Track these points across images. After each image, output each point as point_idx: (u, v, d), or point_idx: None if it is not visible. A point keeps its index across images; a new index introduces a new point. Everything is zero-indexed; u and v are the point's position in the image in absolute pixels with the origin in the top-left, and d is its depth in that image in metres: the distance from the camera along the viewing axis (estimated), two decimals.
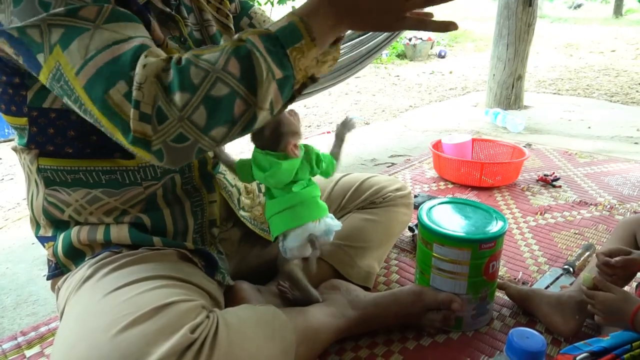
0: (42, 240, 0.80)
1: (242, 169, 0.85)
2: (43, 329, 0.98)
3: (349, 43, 3.17)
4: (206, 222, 0.84)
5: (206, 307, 0.66)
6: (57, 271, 0.79)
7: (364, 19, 0.64)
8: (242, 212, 0.93)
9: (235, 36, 0.60)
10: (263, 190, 1.04)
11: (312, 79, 0.65)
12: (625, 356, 0.68)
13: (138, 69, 0.56)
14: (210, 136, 0.58)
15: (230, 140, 0.61)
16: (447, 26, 0.63)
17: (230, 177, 0.92)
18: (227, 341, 0.62)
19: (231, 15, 0.92)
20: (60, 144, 0.73)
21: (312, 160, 0.85)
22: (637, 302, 0.74)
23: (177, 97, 0.55)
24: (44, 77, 0.61)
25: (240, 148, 2.12)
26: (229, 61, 0.57)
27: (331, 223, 0.85)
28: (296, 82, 0.62)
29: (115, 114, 0.56)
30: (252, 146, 0.84)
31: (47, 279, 0.80)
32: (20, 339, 0.95)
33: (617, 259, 0.83)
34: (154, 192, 0.77)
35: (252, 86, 0.57)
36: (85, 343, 0.59)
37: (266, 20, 1.02)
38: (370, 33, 2.21)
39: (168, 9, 0.77)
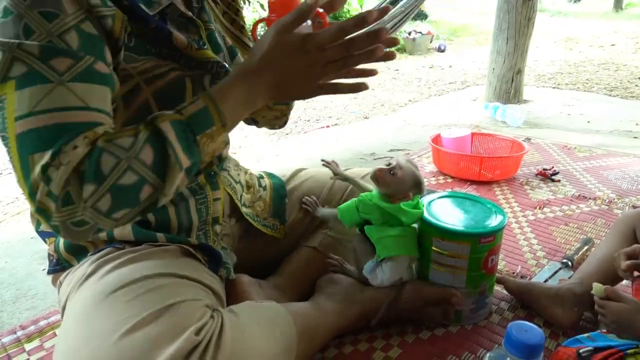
0: (43, 235, 0.80)
1: (346, 215, 0.92)
2: (42, 323, 0.98)
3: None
4: (210, 220, 0.83)
5: (210, 306, 0.66)
6: (58, 266, 0.78)
7: (282, 93, 0.64)
8: (244, 209, 0.93)
9: (149, 118, 0.60)
10: (263, 184, 1.04)
11: (219, 158, 0.68)
12: (629, 351, 0.68)
13: (69, 147, 0.54)
14: (112, 218, 0.58)
15: (129, 220, 0.60)
16: (358, 87, 0.63)
17: (234, 173, 0.92)
18: (231, 342, 0.61)
19: (246, 28, 0.90)
20: None
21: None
22: None
23: (87, 187, 0.54)
24: None
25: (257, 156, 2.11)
26: (142, 149, 0.57)
27: (413, 268, 0.94)
28: (202, 163, 0.63)
29: (29, 177, 0.54)
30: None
31: (48, 274, 0.80)
32: (19, 333, 0.95)
33: None
34: None
35: (163, 174, 0.58)
36: (88, 347, 0.58)
37: None
38: (370, 26, 2.20)
39: (190, 13, 0.76)
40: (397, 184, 0.88)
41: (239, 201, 0.90)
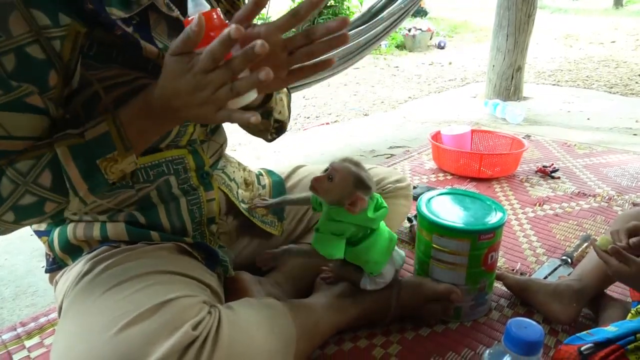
0: (38, 233, 0.80)
1: (329, 247, 0.82)
2: (42, 320, 0.98)
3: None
4: (204, 220, 0.82)
5: (207, 302, 0.65)
6: (54, 265, 0.78)
7: (186, 117, 0.60)
8: (242, 205, 0.93)
9: (55, 136, 0.61)
10: (262, 182, 1.03)
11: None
12: (629, 347, 0.68)
13: None
14: (21, 224, 0.64)
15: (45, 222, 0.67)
16: (248, 118, 0.55)
17: (229, 170, 0.92)
18: (229, 337, 0.61)
19: None
20: None
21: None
22: None
23: None
24: None
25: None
26: (41, 174, 0.59)
27: (398, 250, 0.92)
28: (111, 180, 0.63)
29: None
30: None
31: (46, 272, 0.80)
32: (19, 330, 0.95)
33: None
34: (147, 194, 0.75)
35: (64, 192, 0.61)
36: (84, 343, 0.58)
37: None
38: (369, 23, 2.19)
39: (175, 13, 0.70)
40: (338, 188, 0.79)
41: (235, 198, 0.90)
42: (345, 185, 0.79)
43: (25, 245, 1.32)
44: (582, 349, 0.71)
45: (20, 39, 0.55)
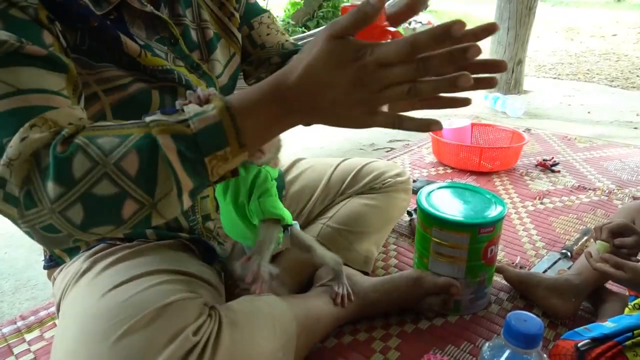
0: None
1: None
2: (42, 313, 0.98)
3: None
4: (199, 218, 0.81)
5: (207, 304, 0.65)
6: (52, 262, 0.78)
7: (323, 119, 0.50)
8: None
9: (147, 119, 0.49)
10: None
11: (235, 173, 0.54)
12: (626, 343, 0.68)
13: (14, 140, 0.46)
14: (90, 232, 0.49)
15: (121, 234, 0.53)
16: (428, 125, 0.48)
17: None
18: (229, 341, 0.61)
19: (237, 15, 0.82)
20: None
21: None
22: None
23: (50, 186, 0.46)
24: None
25: None
26: (126, 156, 0.47)
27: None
28: (210, 183, 0.52)
29: None
30: None
31: (44, 269, 0.80)
32: (19, 323, 0.95)
33: (629, 239, 0.83)
34: None
35: (151, 188, 0.48)
36: (85, 351, 0.57)
37: (270, 34, 0.87)
38: None
39: (149, 8, 0.66)
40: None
41: None
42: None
43: (25, 239, 1.32)
44: (579, 345, 0.71)
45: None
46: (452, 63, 0.43)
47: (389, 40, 0.46)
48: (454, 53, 0.43)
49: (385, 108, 0.51)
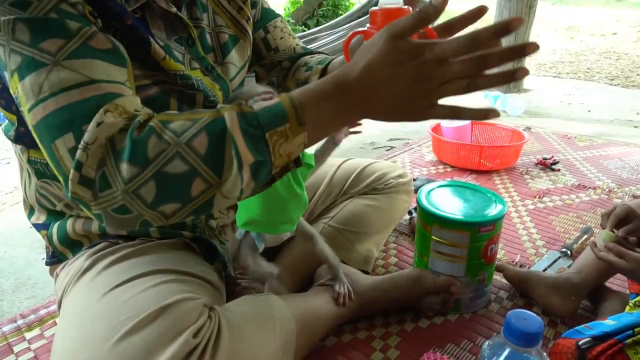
0: (37, 227, 0.79)
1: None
2: (42, 312, 0.98)
3: (346, 25, 3.12)
4: (202, 216, 0.82)
5: (207, 304, 0.64)
6: (54, 259, 0.78)
7: (382, 112, 0.53)
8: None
9: (218, 107, 0.54)
10: None
11: (297, 162, 0.56)
12: (627, 341, 0.68)
13: (91, 125, 0.50)
14: (158, 211, 0.51)
15: (185, 217, 0.53)
16: (485, 114, 0.52)
17: None
18: (229, 343, 0.61)
19: (245, 9, 0.85)
20: None
21: None
22: None
23: (125, 168, 0.49)
24: (11, 89, 0.56)
25: None
26: (197, 136, 0.50)
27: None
28: (275, 167, 0.53)
29: (59, 166, 0.52)
30: None
31: (46, 265, 0.80)
32: (19, 322, 0.95)
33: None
34: None
35: (219, 169, 0.51)
36: (85, 352, 0.57)
37: (283, 38, 0.91)
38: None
39: (174, 9, 0.70)
40: None
41: None
42: None
43: (25, 238, 1.32)
44: (580, 343, 0.71)
45: (50, 2, 0.53)
46: (510, 59, 0.47)
47: (452, 37, 0.49)
48: (514, 50, 0.47)
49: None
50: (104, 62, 0.54)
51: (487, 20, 0.47)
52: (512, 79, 0.48)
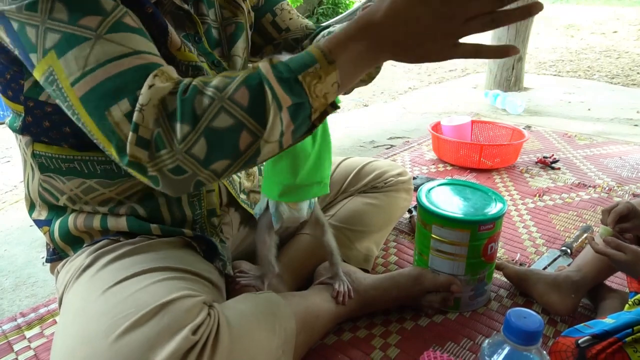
0: (38, 223, 0.79)
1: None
2: (42, 310, 0.98)
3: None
4: (204, 212, 0.82)
5: (207, 302, 0.64)
6: (55, 256, 0.78)
7: (408, 52, 0.54)
8: (242, 196, 0.92)
9: (251, 65, 0.57)
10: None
11: (334, 106, 0.58)
12: (627, 339, 0.68)
13: (144, 88, 0.52)
14: (210, 169, 0.54)
15: (233, 173, 0.56)
16: (506, 51, 0.54)
17: None
18: (228, 340, 0.61)
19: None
20: (55, 138, 0.70)
21: None
22: None
23: (178, 127, 0.52)
24: (37, 76, 0.58)
25: None
26: (237, 90, 0.52)
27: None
28: (314, 110, 0.55)
29: (113, 133, 0.53)
30: None
31: (46, 262, 0.80)
32: (19, 320, 0.95)
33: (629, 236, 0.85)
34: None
35: (261, 117, 0.53)
36: (85, 348, 0.57)
37: (293, 18, 0.93)
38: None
39: (186, 6, 0.72)
40: None
41: (234, 190, 0.90)
42: None
43: (25, 236, 1.32)
44: (580, 341, 0.71)
45: None
46: None
47: None
48: None
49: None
50: (140, 36, 0.57)
51: None
52: (528, 15, 0.51)
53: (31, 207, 0.80)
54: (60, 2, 0.54)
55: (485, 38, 3.56)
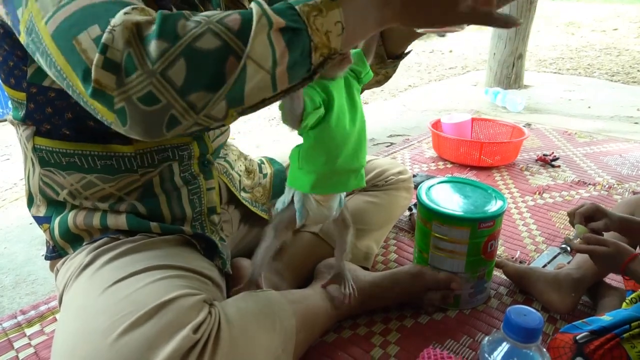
0: (38, 220, 0.79)
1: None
2: (43, 308, 0.98)
3: None
4: (205, 210, 0.81)
5: (207, 300, 0.64)
6: (55, 253, 0.78)
7: (418, 14, 0.53)
8: (242, 194, 0.92)
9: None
10: (264, 171, 1.03)
11: (342, 54, 0.53)
12: (624, 335, 0.69)
13: (118, 14, 0.47)
14: (187, 100, 0.46)
15: (212, 111, 0.48)
16: (513, 21, 0.54)
17: (231, 159, 0.91)
18: (229, 339, 0.60)
19: None
20: (57, 125, 0.70)
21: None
22: (629, 253, 0.78)
23: (153, 45, 0.45)
24: (22, 36, 0.55)
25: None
26: (229, 16, 0.47)
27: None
28: (314, 46, 0.49)
29: (80, 61, 0.48)
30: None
31: (46, 260, 0.80)
32: (20, 318, 0.95)
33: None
34: (150, 180, 0.75)
35: (249, 38, 0.47)
36: (84, 348, 0.57)
37: None
38: None
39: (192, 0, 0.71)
40: None
41: (234, 188, 0.89)
42: None
43: (25, 234, 1.32)
44: (578, 337, 0.71)
45: None
46: None
47: None
48: None
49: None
50: None
51: None
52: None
53: (30, 202, 0.80)
54: None
55: (486, 34, 3.55)
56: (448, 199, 0.94)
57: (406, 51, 0.86)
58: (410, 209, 1.31)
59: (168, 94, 0.46)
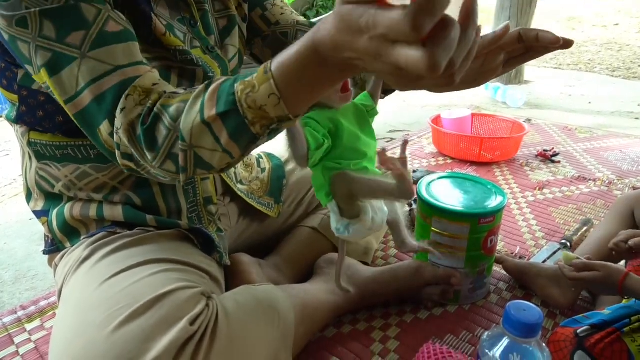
0: (37, 214, 0.80)
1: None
2: (43, 303, 0.98)
3: None
4: (200, 200, 0.81)
5: (205, 293, 0.64)
6: (53, 247, 0.78)
7: (362, 68, 0.43)
8: (239, 186, 0.92)
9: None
10: (262, 165, 1.03)
11: (286, 120, 0.51)
12: (625, 329, 0.69)
13: (117, 112, 0.57)
14: (187, 175, 0.58)
15: (205, 176, 0.61)
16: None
17: None
18: (227, 331, 0.61)
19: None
20: (48, 127, 0.71)
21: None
22: (621, 272, 0.75)
23: (146, 151, 0.57)
24: (37, 79, 0.62)
25: None
26: (187, 107, 0.55)
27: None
28: (250, 122, 0.51)
29: (105, 147, 0.61)
30: None
31: (44, 254, 0.80)
32: (20, 313, 0.96)
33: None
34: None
35: (187, 132, 0.55)
36: (82, 340, 0.57)
37: (284, 13, 0.91)
38: None
39: None
40: None
41: (230, 179, 0.89)
42: None
43: (25, 230, 1.32)
44: (578, 331, 0.71)
45: None
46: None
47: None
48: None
49: None
50: (122, 44, 0.59)
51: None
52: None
53: (29, 196, 0.80)
54: (47, 19, 0.56)
55: (487, 28, 3.52)
56: (448, 195, 0.94)
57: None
58: (410, 205, 1.31)
59: (172, 174, 0.59)
